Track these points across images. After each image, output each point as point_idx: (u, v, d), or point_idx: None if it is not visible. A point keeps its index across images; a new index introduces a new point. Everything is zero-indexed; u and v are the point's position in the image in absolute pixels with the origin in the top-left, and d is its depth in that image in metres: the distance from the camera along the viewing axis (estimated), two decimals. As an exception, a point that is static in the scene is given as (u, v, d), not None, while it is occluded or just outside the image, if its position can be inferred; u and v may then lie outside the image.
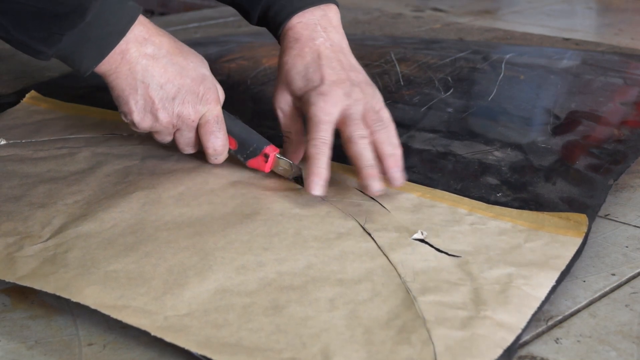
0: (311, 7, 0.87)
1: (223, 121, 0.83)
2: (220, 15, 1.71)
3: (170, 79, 0.79)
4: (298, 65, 0.85)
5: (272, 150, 0.85)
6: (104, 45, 0.76)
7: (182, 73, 0.80)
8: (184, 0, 2.61)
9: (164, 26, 0.86)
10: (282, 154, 0.86)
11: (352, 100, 0.82)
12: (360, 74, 0.86)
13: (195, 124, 0.82)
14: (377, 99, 0.85)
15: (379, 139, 0.81)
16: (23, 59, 1.39)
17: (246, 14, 0.92)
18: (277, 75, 0.88)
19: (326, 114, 0.81)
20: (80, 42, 0.75)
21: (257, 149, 0.84)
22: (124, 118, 0.81)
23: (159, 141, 0.84)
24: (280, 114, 0.87)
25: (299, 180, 0.85)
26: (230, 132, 0.84)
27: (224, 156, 0.85)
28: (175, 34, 1.58)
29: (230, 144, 0.85)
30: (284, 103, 0.86)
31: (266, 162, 0.84)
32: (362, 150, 0.80)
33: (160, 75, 0.79)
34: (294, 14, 0.87)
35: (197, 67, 0.81)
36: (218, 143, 0.83)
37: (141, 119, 0.80)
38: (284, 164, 0.85)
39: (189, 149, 0.85)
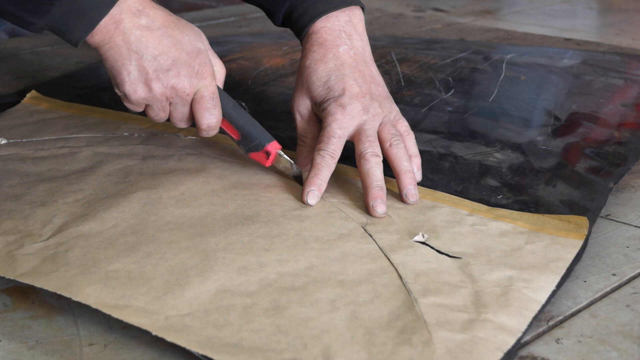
0: (335, 11, 0.86)
1: (218, 98, 0.81)
2: (221, 16, 1.71)
3: (164, 50, 0.77)
4: (319, 71, 0.85)
5: (274, 148, 0.84)
6: (94, 14, 0.75)
7: (178, 46, 0.78)
8: (185, 0, 2.61)
9: (165, 26, 0.86)
10: (296, 156, 0.87)
11: (370, 115, 0.83)
12: (379, 86, 0.86)
13: (190, 98, 0.80)
14: (394, 112, 0.86)
15: (396, 155, 0.82)
16: (24, 58, 1.40)
17: (270, 16, 0.92)
18: (297, 78, 0.87)
19: (341, 128, 0.82)
20: (69, 12, 0.74)
21: (260, 144, 0.84)
22: (117, 91, 0.79)
23: (152, 118, 0.82)
24: (298, 118, 0.87)
25: (298, 179, 0.85)
26: (234, 124, 0.83)
27: (215, 132, 0.83)
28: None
29: (233, 134, 0.84)
30: (303, 107, 0.86)
31: (267, 158, 0.84)
32: (372, 169, 0.81)
33: (155, 46, 0.77)
34: (317, 17, 0.86)
35: (192, 41, 0.79)
36: (212, 120, 0.81)
37: (133, 90, 0.78)
38: (285, 162, 0.85)
39: (183, 124, 0.83)
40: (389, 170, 0.82)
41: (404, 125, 0.87)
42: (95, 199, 0.80)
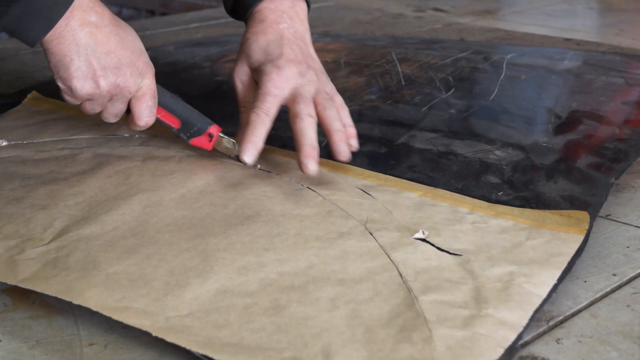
0: None
1: (157, 96, 0.84)
2: (222, 15, 1.71)
3: (112, 49, 0.79)
4: (260, 40, 0.88)
5: (216, 130, 0.87)
6: (51, 14, 0.76)
7: (123, 45, 0.80)
8: (185, 0, 2.61)
9: (165, 26, 0.86)
10: (240, 124, 0.89)
11: (306, 80, 0.85)
12: (316, 63, 0.89)
13: (130, 96, 0.82)
14: (329, 87, 0.88)
15: (329, 116, 0.84)
16: (24, 59, 1.40)
17: (224, 2, 0.95)
18: (239, 50, 0.90)
19: (277, 88, 0.84)
20: (26, 13, 0.76)
21: (202, 128, 0.87)
22: (60, 84, 0.80)
23: (87, 111, 0.83)
24: (239, 85, 0.89)
25: None
26: (173, 112, 0.86)
27: (147, 127, 0.86)
28: (176, 34, 1.58)
29: (172, 123, 0.86)
30: (242, 74, 0.89)
31: (210, 141, 0.87)
32: (306, 128, 0.82)
33: (103, 44, 0.79)
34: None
35: (135, 41, 0.82)
36: (151, 118, 0.84)
37: (81, 86, 0.79)
38: (227, 142, 0.88)
39: (114, 119, 0.85)
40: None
41: (339, 99, 0.88)
42: (96, 202, 0.80)
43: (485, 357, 0.59)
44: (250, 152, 0.82)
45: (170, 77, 1.25)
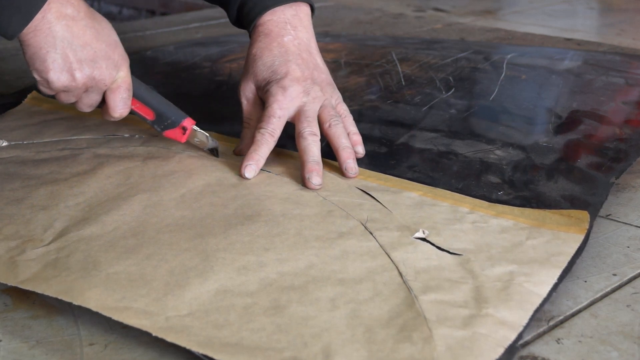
0: (283, 6, 0.91)
1: (132, 88, 0.85)
2: (222, 15, 1.70)
3: (88, 41, 0.80)
4: (265, 57, 0.89)
5: (189, 123, 0.88)
6: (29, 7, 0.77)
7: (99, 37, 0.81)
8: (185, 0, 2.61)
9: (165, 26, 0.86)
10: (241, 138, 0.90)
11: (310, 98, 0.87)
12: (322, 74, 0.90)
13: (105, 88, 0.83)
14: (335, 97, 0.90)
15: (335, 133, 0.87)
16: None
17: (227, 11, 0.96)
18: (244, 65, 0.91)
19: (282, 109, 0.86)
20: (4, 6, 0.76)
21: (175, 121, 0.88)
22: (36, 76, 0.80)
23: (61, 101, 0.84)
24: (244, 101, 0.91)
25: (214, 152, 0.89)
26: (148, 104, 0.87)
27: (121, 118, 0.86)
28: (176, 34, 1.58)
29: (147, 115, 0.87)
30: (248, 91, 0.90)
31: (184, 134, 0.88)
32: (310, 146, 0.85)
33: (79, 37, 0.79)
34: (266, 10, 0.90)
35: (110, 34, 0.82)
36: (126, 109, 0.84)
37: (57, 78, 0.80)
38: (200, 135, 0.89)
39: (88, 109, 0.85)
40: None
41: (343, 108, 0.91)
42: (96, 202, 0.80)
43: (485, 356, 0.59)
44: (252, 168, 0.85)
45: (170, 77, 1.25)
